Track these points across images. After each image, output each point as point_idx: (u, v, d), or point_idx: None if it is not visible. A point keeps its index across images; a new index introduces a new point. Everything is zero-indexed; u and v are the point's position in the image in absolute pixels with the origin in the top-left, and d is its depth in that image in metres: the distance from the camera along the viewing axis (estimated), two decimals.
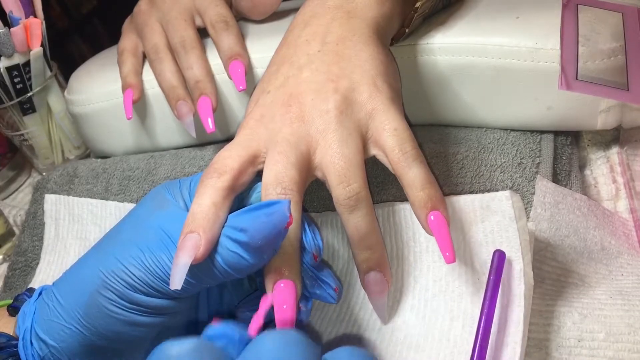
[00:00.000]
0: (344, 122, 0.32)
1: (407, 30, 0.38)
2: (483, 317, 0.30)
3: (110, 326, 0.29)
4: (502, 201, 0.33)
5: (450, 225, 0.34)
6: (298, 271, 0.30)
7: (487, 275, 0.31)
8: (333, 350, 0.23)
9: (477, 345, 0.29)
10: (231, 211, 0.31)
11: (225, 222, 0.30)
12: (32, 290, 0.35)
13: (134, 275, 0.29)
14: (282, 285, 0.29)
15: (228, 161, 0.31)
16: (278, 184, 0.30)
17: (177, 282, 0.27)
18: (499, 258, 0.31)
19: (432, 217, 0.30)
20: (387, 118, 0.32)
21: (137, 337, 0.30)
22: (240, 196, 0.32)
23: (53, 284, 0.32)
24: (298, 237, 0.31)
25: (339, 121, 0.32)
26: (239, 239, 0.28)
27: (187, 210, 0.31)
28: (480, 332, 0.29)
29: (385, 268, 0.32)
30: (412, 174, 0.30)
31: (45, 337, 0.30)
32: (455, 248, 0.34)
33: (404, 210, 0.36)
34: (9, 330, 0.32)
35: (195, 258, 0.27)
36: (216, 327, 0.25)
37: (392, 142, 0.31)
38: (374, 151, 0.32)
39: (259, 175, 0.33)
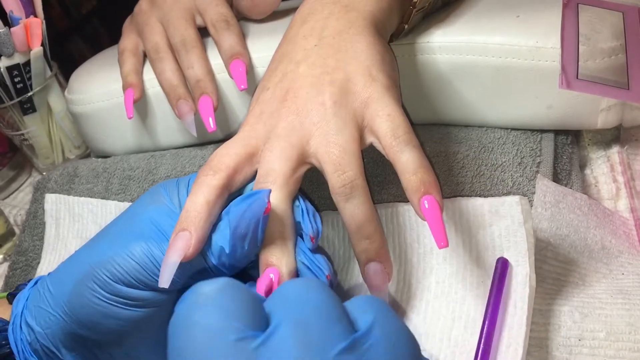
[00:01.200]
0: (339, 112, 0.32)
1: (406, 27, 0.38)
2: (485, 324, 0.30)
3: (90, 317, 0.30)
4: (512, 206, 0.33)
5: (457, 225, 0.34)
6: (285, 258, 0.30)
7: (491, 279, 0.31)
8: (349, 299, 0.24)
9: (480, 349, 0.29)
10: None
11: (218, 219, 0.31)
12: None
13: (119, 265, 0.29)
14: (270, 274, 0.30)
15: (224, 159, 0.32)
16: (266, 176, 0.31)
17: (165, 280, 0.28)
18: (502, 266, 0.31)
19: (426, 203, 0.29)
20: (380, 105, 0.32)
21: (116, 330, 0.30)
22: (240, 193, 0.33)
23: (49, 274, 0.33)
24: (286, 224, 0.31)
25: (334, 112, 0.32)
26: (225, 229, 0.29)
27: (180, 208, 0.32)
28: (482, 339, 0.29)
29: (385, 259, 0.32)
30: (405, 159, 0.30)
31: (32, 322, 0.31)
32: (461, 250, 0.34)
33: (409, 212, 0.36)
34: (7, 318, 0.33)
35: (185, 256, 0.28)
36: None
37: (385, 127, 0.31)
38: (370, 139, 0.32)
39: None
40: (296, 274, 0.31)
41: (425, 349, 0.32)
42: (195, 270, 0.30)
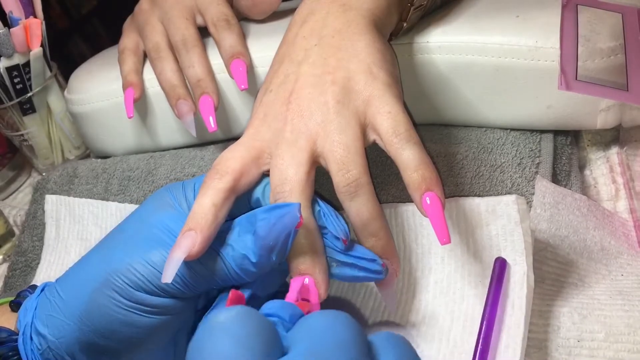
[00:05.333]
0: (342, 111, 0.32)
1: (405, 25, 0.39)
2: (484, 324, 0.30)
3: (109, 325, 0.30)
4: (508, 205, 0.33)
5: (454, 225, 0.34)
6: (316, 265, 0.30)
7: (489, 279, 0.31)
8: (375, 333, 0.24)
9: (479, 349, 0.29)
10: (238, 208, 0.31)
11: (233, 223, 0.31)
12: (34, 287, 0.35)
13: (139, 272, 0.29)
14: (302, 281, 0.30)
15: (230, 162, 0.32)
16: (282, 185, 0.31)
17: (168, 275, 0.28)
18: (500, 266, 0.31)
19: (427, 199, 0.30)
20: (381, 102, 0.32)
21: (134, 338, 0.30)
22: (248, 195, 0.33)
23: (56, 280, 0.33)
24: (312, 230, 0.31)
25: (337, 111, 0.32)
26: (251, 240, 0.29)
27: (189, 211, 0.31)
28: (481, 340, 0.29)
29: (392, 256, 0.32)
30: (406, 156, 0.30)
31: (44, 331, 0.31)
32: (459, 250, 0.34)
33: (407, 212, 0.36)
34: (11, 326, 0.32)
35: (189, 255, 0.28)
36: (269, 305, 0.25)
37: (386, 124, 0.31)
38: (372, 136, 0.33)
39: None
40: (328, 278, 0.31)
41: (423, 349, 0.32)
42: (214, 276, 0.30)
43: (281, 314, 0.25)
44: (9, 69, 0.53)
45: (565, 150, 0.40)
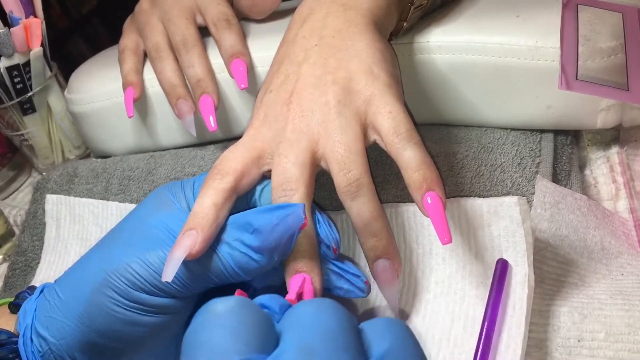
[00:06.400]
0: (343, 111, 0.32)
1: (405, 24, 0.39)
2: (485, 325, 0.30)
3: (110, 325, 0.30)
4: (510, 207, 0.33)
5: (456, 226, 0.34)
6: (315, 265, 0.30)
7: (490, 279, 0.31)
8: (369, 320, 0.23)
9: (480, 350, 0.29)
10: (237, 208, 0.31)
11: (227, 221, 0.30)
12: (33, 288, 0.35)
13: (137, 272, 0.29)
14: (301, 280, 0.30)
15: (231, 163, 0.32)
16: (287, 183, 0.31)
17: (169, 274, 0.28)
18: (502, 268, 0.31)
19: (429, 199, 0.30)
20: (382, 102, 0.32)
21: (135, 337, 0.30)
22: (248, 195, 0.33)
23: (55, 281, 0.32)
24: (313, 232, 0.31)
25: (338, 111, 0.32)
26: (252, 239, 0.29)
27: (189, 210, 0.32)
28: (482, 339, 0.29)
29: (393, 256, 0.32)
30: (407, 156, 0.30)
31: (44, 333, 0.31)
32: (460, 251, 0.34)
33: (407, 212, 0.36)
34: (10, 328, 0.32)
35: (190, 254, 0.28)
36: (259, 298, 0.25)
37: (387, 124, 0.31)
38: (373, 136, 0.33)
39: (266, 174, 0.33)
40: (323, 280, 0.31)
41: (424, 348, 0.32)
42: (210, 273, 0.30)
43: (271, 306, 0.24)
44: (9, 69, 0.53)
45: (566, 149, 0.40)
